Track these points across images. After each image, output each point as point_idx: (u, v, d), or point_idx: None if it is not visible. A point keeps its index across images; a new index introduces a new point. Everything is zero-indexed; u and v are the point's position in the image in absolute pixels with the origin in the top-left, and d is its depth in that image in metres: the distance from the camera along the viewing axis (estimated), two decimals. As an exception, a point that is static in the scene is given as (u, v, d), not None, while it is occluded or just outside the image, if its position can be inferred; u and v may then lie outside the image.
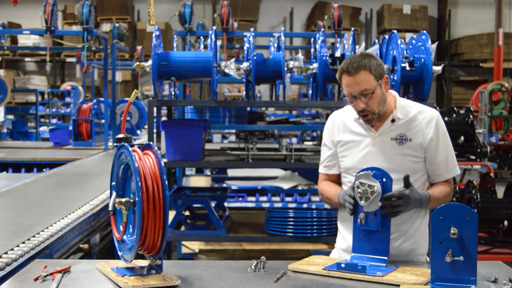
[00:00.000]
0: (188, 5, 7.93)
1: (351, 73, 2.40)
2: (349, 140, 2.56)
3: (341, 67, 2.44)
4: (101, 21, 15.89)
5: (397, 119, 2.49)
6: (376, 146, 2.50)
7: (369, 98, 2.41)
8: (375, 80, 2.41)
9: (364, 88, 2.40)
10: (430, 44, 4.05)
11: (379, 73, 2.43)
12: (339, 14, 7.96)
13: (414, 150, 2.47)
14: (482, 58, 16.86)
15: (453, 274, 2.04)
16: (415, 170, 2.48)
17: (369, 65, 2.40)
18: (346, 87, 2.43)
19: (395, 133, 2.49)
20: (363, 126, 2.54)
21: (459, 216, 2.03)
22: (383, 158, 2.48)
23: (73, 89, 12.75)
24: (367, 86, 2.40)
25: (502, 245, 5.86)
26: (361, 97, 2.41)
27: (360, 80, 2.39)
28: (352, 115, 2.57)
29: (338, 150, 2.61)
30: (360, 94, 2.40)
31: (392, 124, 2.50)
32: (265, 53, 5.56)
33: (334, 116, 2.66)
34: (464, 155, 6.66)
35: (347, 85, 2.42)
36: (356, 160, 2.53)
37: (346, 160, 2.57)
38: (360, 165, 2.49)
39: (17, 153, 7.99)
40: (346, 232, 2.62)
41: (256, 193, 7.19)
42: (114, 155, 2.28)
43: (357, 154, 2.53)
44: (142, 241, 2.13)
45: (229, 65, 4.23)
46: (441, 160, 2.51)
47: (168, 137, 4.33)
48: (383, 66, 2.47)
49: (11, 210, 4.13)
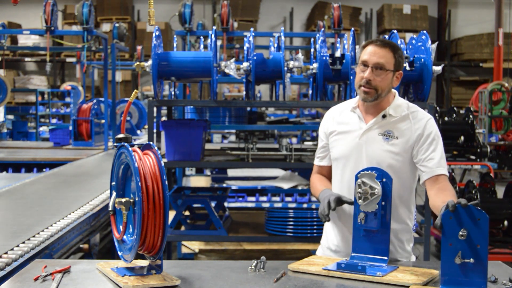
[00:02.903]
0: (188, 5, 7.93)
1: (378, 44, 2.48)
2: (340, 131, 2.61)
3: (370, 40, 2.52)
4: (101, 21, 15.89)
5: (389, 115, 2.52)
6: (364, 139, 2.53)
7: (380, 75, 2.45)
8: (393, 65, 2.48)
9: (381, 62, 2.45)
10: (430, 44, 4.05)
11: (399, 63, 2.51)
12: (339, 14, 7.96)
13: (398, 148, 2.49)
14: (482, 58, 16.86)
15: (463, 276, 2.03)
16: (395, 169, 2.48)
17: (396, 50, 2.50)
18: (366, 55, 2.48)
19: (384, 129, 2.52)
20: (356, 116, 2.58)
21: (470, 218, 2.01)
22: (367, 151, 2.51)
23: (73, 89, 12.76)
24: (385, 62, 2.46)
25: (502, 245, 5.87)
26: (373, 69, 2.45)
27: (382, 54, 2.46)
28: (349, 107, 2.62)
29: (330, 141, 2.65)
30: (374, 66, 2.45)
31: (383, 119, 2.53)
32: (265, 53, 5.55)
33: (331, 110, 2.72)
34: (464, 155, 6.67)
35: (368, 53, 2.47)
36: (343, 151, 2.58)
37: (334, 151, 2.63)
38: (346, 155, 2.55)
39: (17, 153, 7.99)
40: (329, 230, 2.67)
41: (256, 193, 7.18)
42: (114, 155, 2.28)
43: (344, 145, 2.57)
44: (142, 241, 2.13)
45: (229, 65, 4.23)
46: (431, 156, 2.47)
47: (168, 137, 4.33)
48: (404, 62, 2.57)
49: (11, 210, 4.12)
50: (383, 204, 2.33)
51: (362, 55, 2.49)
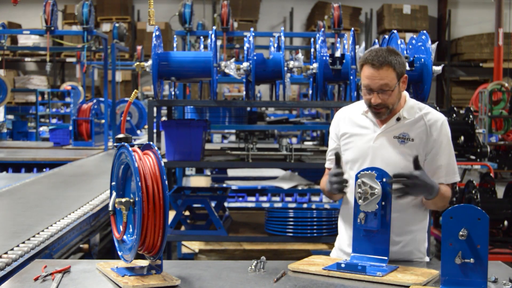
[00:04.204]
0: (188, 5, 7.92)
1: (375, 66, 2.38)
2: (353, 133, 2.56)
3: (365, 58, 2.41)
4: (101, 21, 15.89)
5: (403, 118, 2.49)
6: (378, 142, 2.49)
7: (386, 94, 2.41)
8: (396, 78, 2.41)
9: (385, 83, 2.39)
10: (430, 44, 4.04)
11: (401, 71, 2.43)
12: (339, 14, 7.96)
13: (415, 151, 2.46)
14: (482, 58, 16.86)
15: (463, 276, 2.03)
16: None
17: (394, 62, 2.40)
18: (367, 79, 2.41)
19: (398, 132, 2.49)
20: (368, 120, 2.54)
21: (470, 218, 2.01)
22: (382, 155, 2.48)
23: (73, 89, 12.75)
24: (388, 82, 2.39)
25: (502, 245, 5.87)
26: (379, 92, 2.40)
27: (382, 76, 2.38)
28: (360, 109, 2.57)
29: (341, 143, 2.60)
30: (379, 90, 2.40)
31: (397, 122, 2.49)
32: (265, 53, 5.55)
33: (342, 110, 2.67)
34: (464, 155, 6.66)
35: (368, 77, 2.40)
36: (356, 154, 2.53)
37: (347, 153, 2.57)
38: (359, 159, 2.50)
39: (17, 153, 7.99)
40: (344, 232, 2.62)
41: (256, 193, 7.19)
42: (114, 155, 2.28)
43: (358, 148, 2.53)
44: (142, 241, 2.13)
45: (229, 65, 4.23)
46: (442, 164, 2.48)
47: (168, 137, 4.33)
48: (405, 64, 2.47)
49: (11, 210, 4.13)
50: (383, 204, 2.33)
51: (363, 79, 2.43)
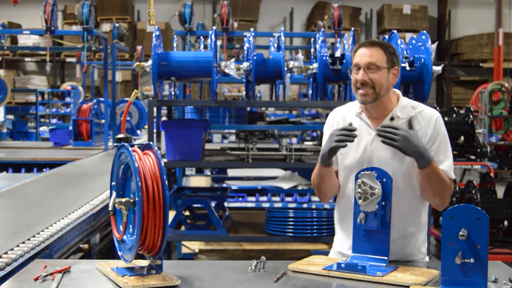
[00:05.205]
0: (188, 5, 7.93)
1: (366, 45, 2.45)
2: None
3: (360, 43, 2.49)
4: (101, 21, 15.90)
5: (397, 117, 2.47)
6: (374, 145, 2.48)
7: (373, 73, 2.42)
8: (385, 62, 2.44)
9: (373, 62, 2.42)
10: (430, 44, 4.05)
11: (391, 60, 2.45)
12: (339, 14, 7.96)
13: None
14: (482, 58, 16.87)
15: (463, 276, 2.02)
16: (412, 171, 2.45)
17: (386, 47, 2.46)
18: (356, 57, 2.45)
19: None
20: (363, 122, 2.52)
21: (470, 218, 2.01)
22: (378, 157, 2.46)
23: (73, 89, 12.76)
24: (376, 60, 2.42)
25: (502, 245, 5.87)
26: (365, 70, 2.42)
27: (372, 53, 2.43)
28: (354, 110, 2.55)
29: None
30: (366, 67, 2.42)
31: (391, 122, 2.47)
32: (265, 53, 5.55)
33: (335, 112, 2.65)
34: (464, 155, 6.67)
35: (359, 55, 2.45)
36: (353, 158, 2.50)
37: (343, 158, 2.54)
38: (357, 162, 2.48)
39: (17, 153, 7.99)
40: (342, 234, 2.60)
41: (256, 193, 7.19)
42: (114, 155, 2.28)
43: (355, 151, 2.50)
44: (142, 241, 2.13)
45: (229, 65, 4.23)
46: (438, 160, 2.46)
47: (168, 137, 4.33)
48: (398, 59, 2.51)
49: (11, 210, 4.12)
50: (383, 204, 2.33)
51: (354, 59, 2.46)
